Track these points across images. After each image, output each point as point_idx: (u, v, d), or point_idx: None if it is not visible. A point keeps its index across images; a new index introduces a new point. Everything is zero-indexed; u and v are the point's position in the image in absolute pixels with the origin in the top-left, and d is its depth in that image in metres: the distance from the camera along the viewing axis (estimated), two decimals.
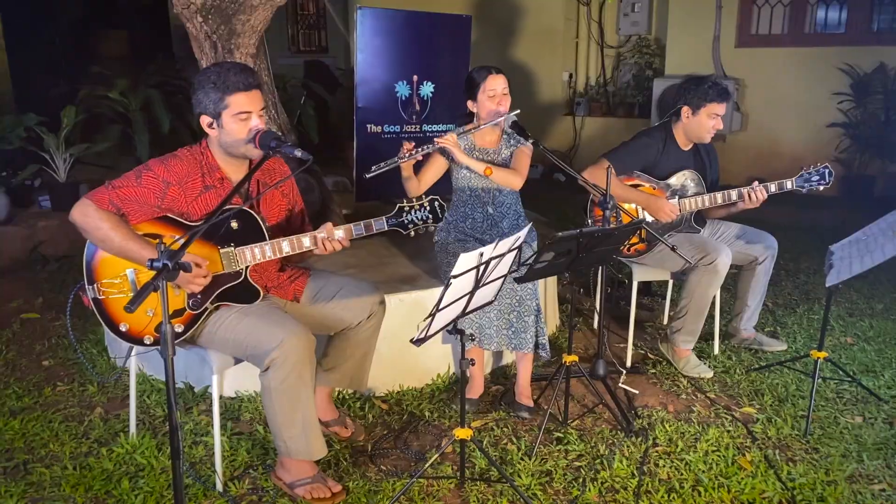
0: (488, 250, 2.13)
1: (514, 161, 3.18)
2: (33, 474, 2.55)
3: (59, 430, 2.83)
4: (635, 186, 3.33)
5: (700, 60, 7.40)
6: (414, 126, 4.77)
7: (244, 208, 2.34)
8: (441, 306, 2.09)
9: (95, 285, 2.29)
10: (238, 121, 2.28)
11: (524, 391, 3.04)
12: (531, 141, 2.99)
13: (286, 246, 2.36)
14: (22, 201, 5.20)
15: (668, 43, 7.68)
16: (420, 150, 2.94)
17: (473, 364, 2.40)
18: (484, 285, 2.26)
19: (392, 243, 3.80)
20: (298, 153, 2.19)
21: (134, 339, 2.34)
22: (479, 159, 3.14)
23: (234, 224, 2.34)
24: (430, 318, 2.09)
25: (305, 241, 2.38)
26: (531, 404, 3.01)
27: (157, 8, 11.93)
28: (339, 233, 2.41)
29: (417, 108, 4.75)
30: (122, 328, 2.32)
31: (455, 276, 2.03)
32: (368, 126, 4.66)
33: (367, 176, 2.88)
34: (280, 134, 2.27)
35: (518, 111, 3.08)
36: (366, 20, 4.49)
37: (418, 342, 2.12)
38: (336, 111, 8.68)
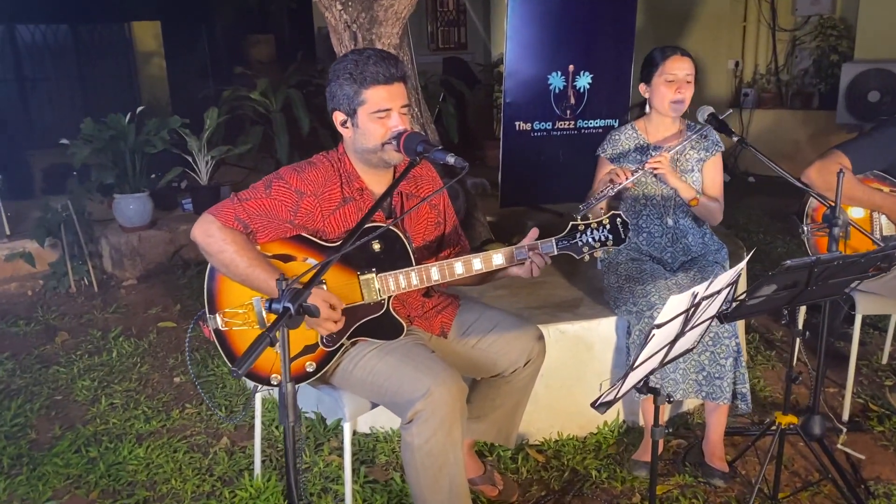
0: (701, 289, 1.59)
1: (710, 182, 2.61)
2: None
3: (183, 463, 2.58)
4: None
5: None
6: (568, 122, 4.24)
7: (390, 228, 1.93)
8: (637, 363, 1.57)
9: (217, 315, 1.98)
10: (375, 119, 1.89)
11: (716, 451, 2.44)
12: (736, 139, 2.39)
13: (435, 272, 1.93)
14: (167, 204, 5.20)
15: (859, 22, 6.61)
16: (630, 179, 2.43)
17: (669, 432, 1.86)
18: (691, 330, 1.72)
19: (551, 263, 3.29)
20: (451, 159, 1.76)
21: (259, 378, 2.00)
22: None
23: (375, 246, 1.94)
24: (621, 380, 1.58)
25: (458, 267, 1.94)
26: (726, 468, 2.41)
27: (302, 11, 12.17)
28: (499, 258, 1.95)
29: (572, 101, 4.21)
30: None
31: (659, 326, 1.51)
32: (517, 123, 4.17)
33: (577, 217, 2.25)
34: (427, 136, 1.86)
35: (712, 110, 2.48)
36: (517, 5, 4.01)
37: (602, 407, 1.62)
38: (473, 108, 8.32)
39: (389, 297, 1.97)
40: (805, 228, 2.72)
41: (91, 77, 10.15)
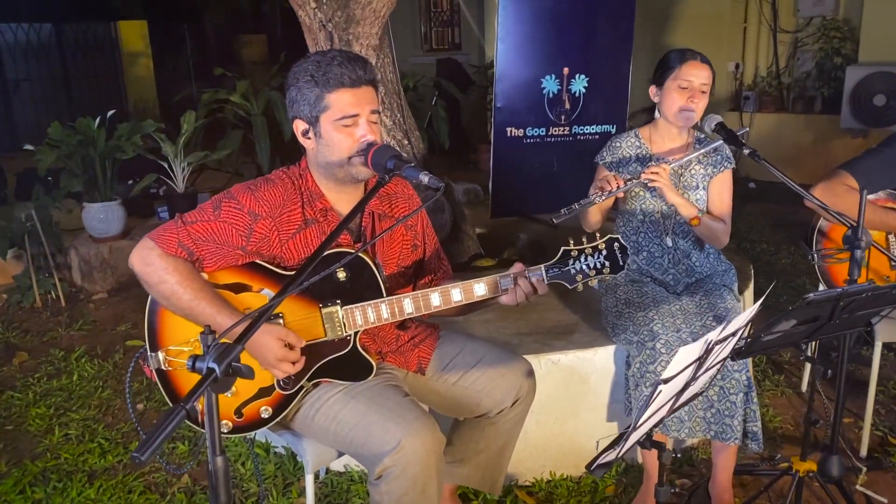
0: (714, 335, 1.36)
1: (717, 200, 2.39)
2: None
3: None
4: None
5: None
6: (562, 128, 4.01)
7: (359, 255, 1.70)
8: (639, 422, 1.34)
9: (160, 353, 1.74)
10: (341, 128, 1.66)
11: (725, 495, 2.21)
12: (748, 151, 2.15)
13: (408, 305, 1.70)
14: (142, 212, 4.96)
15: (863, 24, 6.41)
16: (622, 187, 2.22)
17: (674, 491, 1.63)
18: (703, 374, 1.49)
19: None
20: (425, 178, 1.52)
21: (200, 421, 1.77)
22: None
23: (340, 274, 1.71)
24: (622, 441, 1.35)
25: (434, 298, 1.71)
26: None
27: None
28: (481, 288, 1.71)
29: (567, 106, 3.98)
30: (192, 413, 1.76)
31: (666, 381, 1.28)
32: (508, 129, 3.94)
33: (555, 221, 2.19)
34: (400, 151, 1.63)
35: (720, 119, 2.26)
36: (509, 3, 3.78)
37: (599, 470, 1.38)
38: (467, 111, 8.10)
39: (356, 333, 1.74)
40: (815, 255, 2.49)
41: (75, 78, 9.90)
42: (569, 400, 2.35)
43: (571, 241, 1.75)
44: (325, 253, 1.63)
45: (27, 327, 3.86)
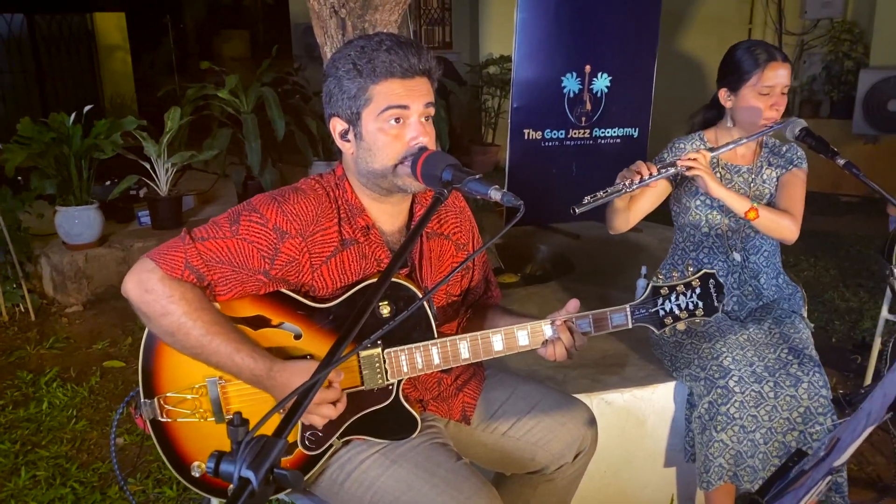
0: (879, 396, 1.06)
1: (783, 194, 2.11)
2: None
3: None
4: None
5: None
6: (582, 130, 3.72)
7: (404, 284, 1.39)
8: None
9: (156, 400, 1.40)
10: (386, 127, 1.34)
11: None
12: (843, 162, 1.88)
13: (465, 349, 1.39)
14: (122, 216, 4.57)
15: (875, 27, 6.22)
16: (656, 176, 1.90)
17: None
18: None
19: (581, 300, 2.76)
20: (496, 195, 1.21)
21: (212, 489, 1.44)
22: (729, 185, 2.10)
23: (384, 310, 1.39)
24: None
25: (496, 342, 1.40)
26: None
27: (278, 6, 11.63)
28: (549, 331, 1.41)
29: (588, 107, 3.69)
30: (195, 472, 1.42)
31: (839, 470, 0.97)
32: (526, 131, 3.64)
33: (577, 210, 1.87)
34: (456, 159, 1.30)
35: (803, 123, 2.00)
36: None
37: None
38: (458, 112, 7.85)
39: (399, 382, 1.42)
40: (894, 270, 2.23)
41: (48, 71, 9.43)
42: (623, 446, 2.05)
43: (660, 277, 1.45)
44: (365, 284, 1.33)
45: None
